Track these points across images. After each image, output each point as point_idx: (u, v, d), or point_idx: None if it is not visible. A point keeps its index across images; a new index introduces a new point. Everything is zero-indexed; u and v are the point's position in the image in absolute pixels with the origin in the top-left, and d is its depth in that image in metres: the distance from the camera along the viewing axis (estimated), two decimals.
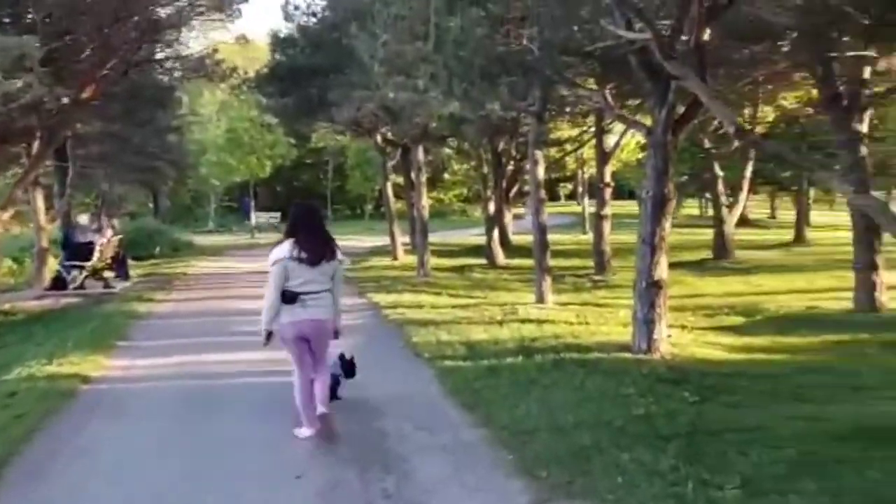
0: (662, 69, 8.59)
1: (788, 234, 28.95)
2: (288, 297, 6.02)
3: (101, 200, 28.06)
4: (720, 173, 20.79)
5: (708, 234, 35.37)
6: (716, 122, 22.11)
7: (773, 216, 47.11)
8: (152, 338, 11.41)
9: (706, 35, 8.20)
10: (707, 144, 20.89)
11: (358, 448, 6.19)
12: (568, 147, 28.34)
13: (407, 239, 26.30)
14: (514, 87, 10.15)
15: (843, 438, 6.14)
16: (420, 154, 18.95)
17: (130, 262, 24.58)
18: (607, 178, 18.71)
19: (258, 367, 8.74)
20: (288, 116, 24.56)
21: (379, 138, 23.19)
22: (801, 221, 27.04)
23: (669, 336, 9.44)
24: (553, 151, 31.58)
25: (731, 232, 21.11)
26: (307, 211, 6.44)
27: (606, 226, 18.66)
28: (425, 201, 19.25)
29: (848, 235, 30.82)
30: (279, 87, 22.21)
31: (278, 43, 23.04)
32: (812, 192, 32.05)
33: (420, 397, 7.83)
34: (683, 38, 8.00)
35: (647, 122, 9.81)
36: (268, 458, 6.04)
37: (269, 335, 6.19)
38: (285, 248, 6.02)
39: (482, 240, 30.49)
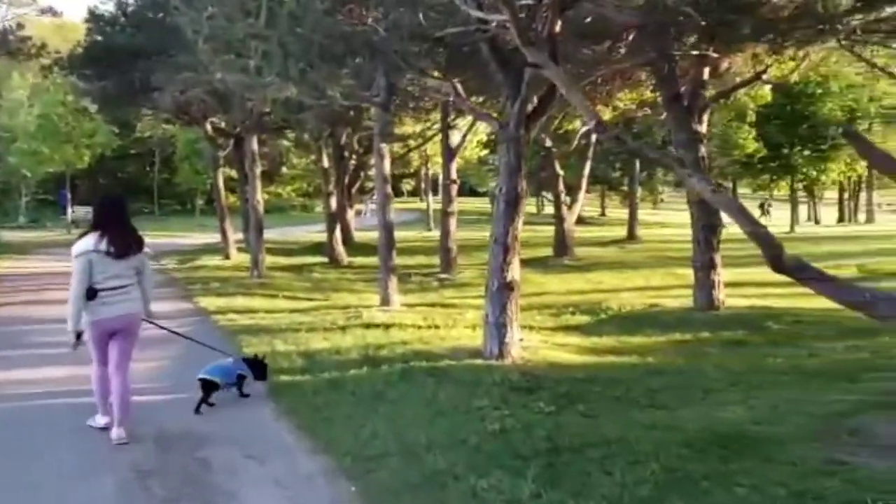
0: (515, 59, 8.13)
1: (621, 232, 30.07)
2: (90, 294, 5.85)
3: None
4: (560, 172, 21.03)
5: (546, 231, 36.36)
6: (557, 121, 22.48)
7: (603, 214, 49.20)
8: None
9: (558, 26, 7.82)
10: (548, 143, 21.04)
11: (176, 484, 5.24)
12: (412, 143, 27.85)
13: (241, 236, 24.81)
14: (359, 72, 9.34)
15: (702, 450, 5.85)
16: (254, 145, 17.68)
17: None
18: (453, 175, 18.31)
19: (61, 387, 7.50)
20: (107, 102, 22.32)
21: (209, 127, 21.61)
22: (634, 219, 28.13)
23: (521, 340, 9.01)
24: (397, 147, 31.10)
25: (571, 230, 21.43)
26: (112, 203, 6.25)
27: (453, 223, 18.26)
28: (260, 196, 18.03)
29: (674, 233, 32.89)
30: (97, 70, 20.04)
31: (95, 20, 20.84)
32: (640, 192, 33.57)
33: (251, 419, 6.90)
34: (535, 27, 7.53)
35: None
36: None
37: (79, 336, 6.00)
38: (90, 241, 5.86)
39: (323, 237, 29.47)
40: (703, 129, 12.35)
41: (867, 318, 10.59)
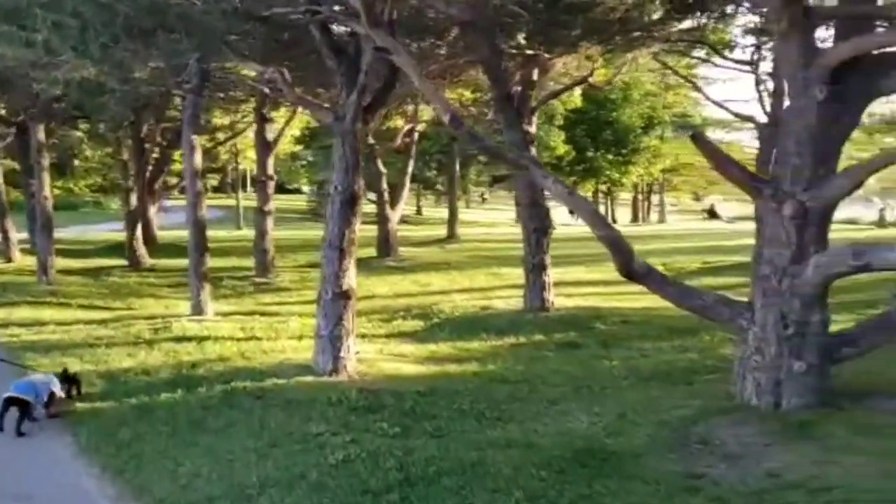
0: (349, 45, 7.42)
1: (439, 231, 30.03)
2: None
3: None
4: (383, 170, 20.45)
5: (367, 231, 35.71)
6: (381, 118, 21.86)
7: (419, 212, 49.45)
8: None
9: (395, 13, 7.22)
10: (371, 140, 20.37)
11: None
12: (220, 136, 26.09)
13: (26, 236, 21.98)
14: (171, 52, 8.16)
15: (563, 471, 5.51)
16: (41, 134, 15.55)
17: None
18: (270, 171, 17.15)
19: None
20: None
21: None
22: (454, 219, 28.22)
23: (358, 353, 8.31)
24: (204, 140, 29.08)
25: (394, 229, 20.92)
26: None
27: (270, 222, 17.10)
28: (49, 191, 15.90)
29: (491, 232, 33.42)
30: None
31: None
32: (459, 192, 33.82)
33: (42, 459, 5.71)
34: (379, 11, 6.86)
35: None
36: None
37: None
38: None
39: (122, 236, 26.94)
40: (533, 129, 12.26)
41: (692, 318, 10.98)
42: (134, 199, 19.33)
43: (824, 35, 8.23)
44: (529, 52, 11.18)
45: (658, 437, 6.20)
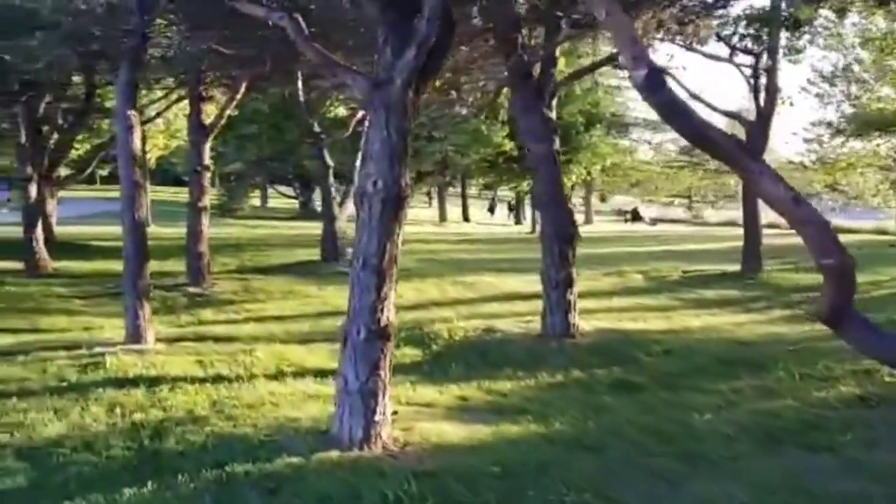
0: None
1: None
2: None
3: None
4: (331, 163, 17.98)
5: (296, 229, 32.82)
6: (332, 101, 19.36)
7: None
8: None
9: None
10: (317, 128, 17.87)
11: None
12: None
13: None
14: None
15: None
16: None
17: None
18: (206, 160, 14.41)
19: None
20: None
21: None
22: None
23: (395, 414, 6.03)
24: (107, 124, 25.70)
25: (343, 230, 18.43)
26: None
27: (205, 221, 14.35)
28: None
29: (424, 231, 31.23)
30: None
31: None
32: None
33: None
34: None
35: None
36: None
37: None
38: None
39: (9, 231, 23.32)
40: (554, 115, 10.21)
41: (731, 343, 9.18)
42: (34, 191, 16.09)
43: None
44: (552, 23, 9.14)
45: None
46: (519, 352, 9.45)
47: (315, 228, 31.90)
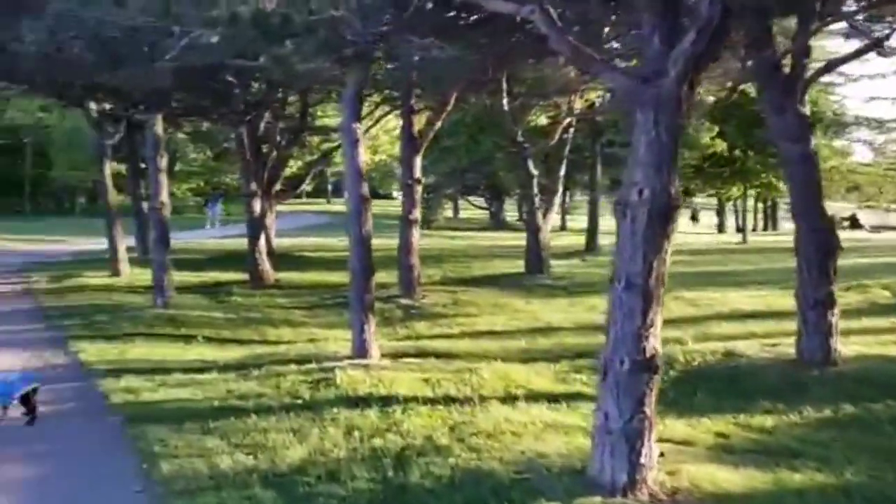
0: None
1: (566, 241, 26.92)
2: None
3: None
4: (535, 172, 17.47)
5: (482, 239, 32.82)
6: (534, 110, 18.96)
7: (521, 219, 46.71)
8: None
9: None
10: (520, 138, 17.43)
11: None
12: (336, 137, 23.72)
13: (132, 242, 20.07)
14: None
15: None
16: (159, 128, 13.23)
17: None
18: (417, 172, 14.38)
19: None
20: None
21: (93, 107, 16.85)
22: (595, 228, 24.99)
23: (661, 456, 5.28)
24: (317, 141, 26.88)
25: (546, 242, 17.86)
26: None
27: (415, 234, 14.33)
28: (166, 196, 13.55)
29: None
30: None
31: None
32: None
33: None
34: None
35: None
36: None
37: None
38: None
39: (235, 244, 24.92)
40: (808, 112, 8.97)
41: None
42: (258, 206, 16.91)
43: None
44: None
45: None
46: (773, 380, 8.31)
47: (509, 239, 31.71)
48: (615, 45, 9.09)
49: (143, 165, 21.25)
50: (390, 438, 5.97)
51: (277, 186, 22.29)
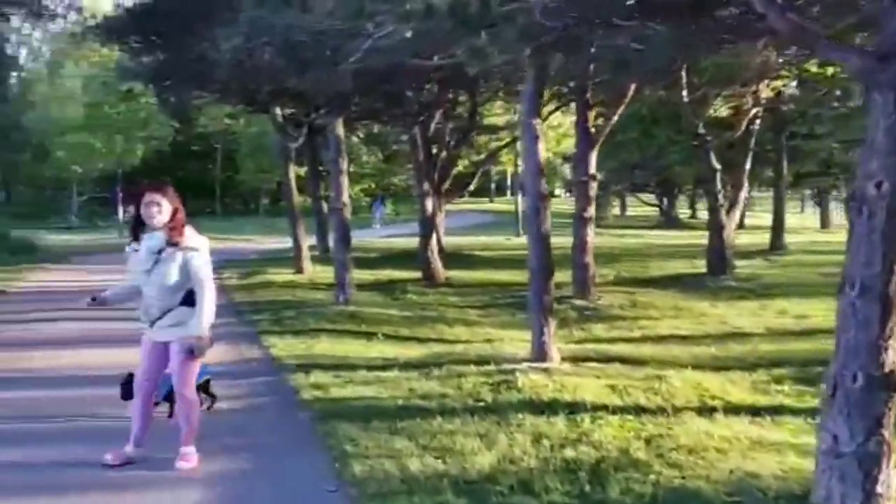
0: None
1: (752, 239, 25.32)
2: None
3: None
4: (717, 166, 16.48)
5: (654, 237, 31.66)
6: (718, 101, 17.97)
7: (694, 216, 44.78)
8: None
9: None
10: (701, 129, 16.49)
11: None
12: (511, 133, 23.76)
13: (314, 242, 21.06)
14: None
15: None
16: (340, 130, 13.64)
17: None
18: (592, 169, 13.94)
19: None
20: (158, 81, 18.58)
21: (279, 112, 17.77)
22: (780, 225, 23.37)
23: None
24: (484, 140, 26.99)
25: (731, 240, 16.81)
26: None
27: (590, 232, 13.90)
28: (347, 197, 13.96)
29: (823, 240, 27.66)
30: (143, 37, 16.31)
31: None
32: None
33: None
34: None
35: None
36: None
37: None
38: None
39: (404, 243, 25.57)
40: None
41: None
42: (430, 205, 17.13)
43: None
44: None
45: None
46: None
47: (683, 237, 30.36)
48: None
49: (320, 168, 22.28)
50: (583, 450, 5.65)
51: (446, 185, 22.54)
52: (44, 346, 9.78)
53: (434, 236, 17.58)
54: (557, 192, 58.34)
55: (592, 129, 13.96)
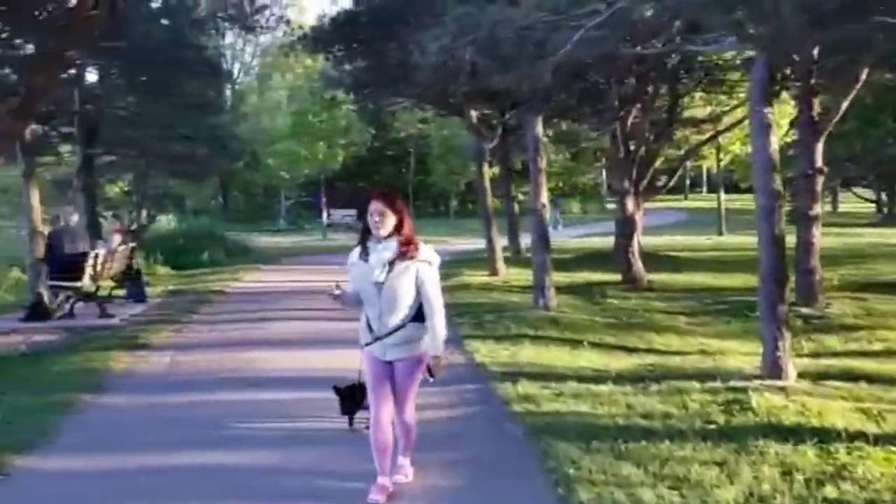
0: None
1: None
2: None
3: (138, 196, 23.46)
4: None
5: (877, 236, 28.53)
6: None
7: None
8: (89, 447, 6.15)
9: None
10: None
11: None
12: (708, 127, 22.31)
13: (505, 241, 20.93)
14: None
15: None
16: (539, 128, 13.23)
17: (163, 273, 19.93)
18: (819, 162, 12.52)
19: None
20: (359, 89, 19.20)
21: (473, 114, 17.71)
22: None
23: None
24: (684, 135, 25.51)
25: None
26: None
27: (816, 232, 12.47)
28: (545, 197, 13.54)
29: None
30: (346, 46, 16.86)
31: None
32: None
33: None
34: None
35: None
36: None
37: None
38: None
39: (596, 243, 24.83)
40: None
41: None
42: (630, 204, 16.34)
43: None
44: None
45: None
46: None
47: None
48: None
49: (508, 168, 22.11)
50: (846, 489, 4.85)
51: (644, 183, 21.53)
52: (268, 346, 10.18)
53: (635, 237, 16.72)
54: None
55: (817, 118, 12.54)
